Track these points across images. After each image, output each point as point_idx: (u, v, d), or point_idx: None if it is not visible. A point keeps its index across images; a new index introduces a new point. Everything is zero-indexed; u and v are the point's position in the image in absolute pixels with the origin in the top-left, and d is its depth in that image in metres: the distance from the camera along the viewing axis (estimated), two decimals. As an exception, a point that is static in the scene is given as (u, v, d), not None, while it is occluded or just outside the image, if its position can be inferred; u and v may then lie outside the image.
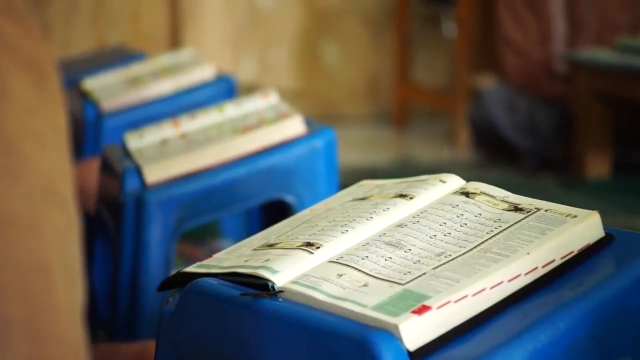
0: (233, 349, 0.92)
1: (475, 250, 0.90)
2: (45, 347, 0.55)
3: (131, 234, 1.48)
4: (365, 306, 0.84)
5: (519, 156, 3.61)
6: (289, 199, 1.51)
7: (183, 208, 1.48)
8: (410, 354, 0.81)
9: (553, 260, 0.88)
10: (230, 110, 1.67)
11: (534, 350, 0.81)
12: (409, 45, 4.51)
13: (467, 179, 1.03)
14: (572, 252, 0.89)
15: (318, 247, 0.95)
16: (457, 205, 0.97)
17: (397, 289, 0.86)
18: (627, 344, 0.87)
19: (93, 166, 1.83)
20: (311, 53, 4.59)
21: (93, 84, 2.40)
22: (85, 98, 2.32)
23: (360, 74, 4.64)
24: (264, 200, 1.54)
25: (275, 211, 1.57)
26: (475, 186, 1.00)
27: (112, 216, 1.56)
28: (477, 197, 0.98)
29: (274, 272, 0.92)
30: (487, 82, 3.81)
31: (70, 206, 0.58)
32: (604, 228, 0.92)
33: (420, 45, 4.58)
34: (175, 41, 4.37)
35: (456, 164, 3.76)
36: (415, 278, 0.87)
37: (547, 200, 0.95)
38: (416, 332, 0.81)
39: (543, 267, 0.88)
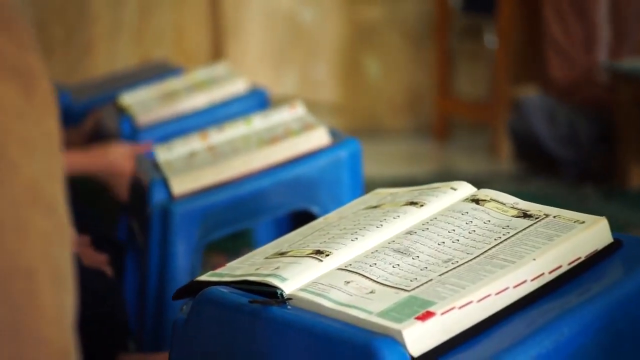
0: (243, 356, 0.93)
1: (482, 256, 0.90)
2: (30, 349, 0.55)
3: (157, 245, 1.50)
4: (370, 313, 0.85)
5: (560, 167, 3.58)
6: (314, 209, 1.52)
7: (209, 219, 1.49)
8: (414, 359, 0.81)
9: (560, 266, 0.88)
10: (258, 123, 1.68)
11: (538, 356, 0.81)
12: (450, 58, 4.50)
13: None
14: (580, 258, 0.89)
15: (327, 255, 0.95)
16: (467, 212, 0.97)
17: (403, 295, 0.86)
18: (636, 350, 0.86)
19: (120, 150, 1.87)
20: (352, 67, 4.60)
21: (130, 99, 2.43)
22: (122, 113, 2.35)
23: (401, 87, 4.64)
24: (289, 211, 1.55)
25: (307, 221, 1.57)
26: (486, 193, 1.00)
27: (140, 227, 1.58)
28: (487, 204, 0.98)
29: (283, 279, 0.92)
30: (528, 93, 3.79)
31: (59, 211, 0.59)
32: (613, 234, 0.91)
33: (461, 57, 4.57)
34: (217, 57, 4.41)
35: (497, 176, 3.74)
36: (421, 285, 0.88)
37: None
38: (420, 338, 0.82)
39: (550, 273, 0.88)
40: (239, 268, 1.00)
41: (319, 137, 1.55)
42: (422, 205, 1.01)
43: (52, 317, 0.57)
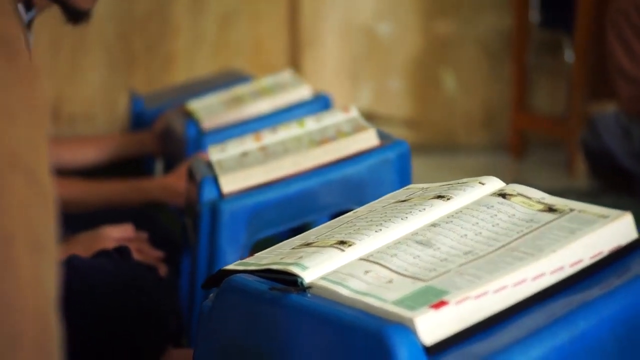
0: (263, 342, 0.93)
1: (502, 249, 0.89)
2: (6, 315, 0.56)
3: (206, 242, 1.51)
4: (385, 301, 0.85)
5: (636, 184, 3.51)
6: (361, 210, 1.52)
7: (257, 217, 1.51)
8: (426, 348, 0.81)
9: (581, 260, 0.87)
10: (310, 124, 1.69)
11: (553, 347, 0.80)
12: (527, 73, 4.46)
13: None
14: (602, 252, 0.88)
15: (350, 245, 0.96)
16: (492, 206, 0.97)
17: (420, 285, 0.86)
18: (655, 346, 0.84)
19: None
20: (428, 81, 4.58)
21: (197, 104, 2.47)
22: (188, 117, 2.38)
23: (477, 102, 4.61)
24: (336, 211, 1.55)
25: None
26: (513, 188, 1.00)
27: (192, 224, 1.60)
28: (513, 199, 0.97)
29: (304, 268, 0.93)
30: (605, 109, 3.72)
31: (41, 180, 0.59)
32: (638, 229, 0.90)
33: (538, 72, 4.52)
34: (294, 69, 4.44)
35: (571, 193, 3.69)
36: (439, 275, 0.87)
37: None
38: (433, 326, 0.81)
39: (570, 266, 0.86)
40: (266, 257, 1.01)
41: (368, 139, 1.55)
42: (448, 199, 1.00)
43: (29, 282, 0.57)
